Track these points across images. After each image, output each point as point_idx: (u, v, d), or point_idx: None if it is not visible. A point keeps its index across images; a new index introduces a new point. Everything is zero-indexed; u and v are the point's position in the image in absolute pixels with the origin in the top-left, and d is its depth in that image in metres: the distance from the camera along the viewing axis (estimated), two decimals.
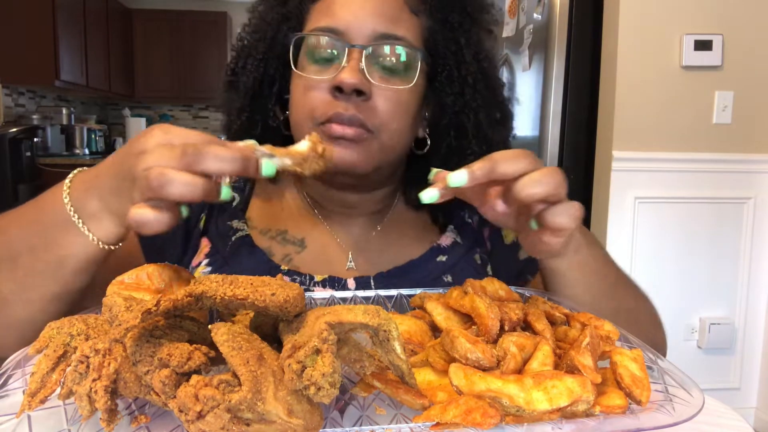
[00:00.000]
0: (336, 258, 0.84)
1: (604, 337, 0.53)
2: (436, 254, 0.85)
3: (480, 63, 0.82)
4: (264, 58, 0.81)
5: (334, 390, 0.37)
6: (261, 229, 0.85)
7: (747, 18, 2.30)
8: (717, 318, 2.45)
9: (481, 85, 0.81)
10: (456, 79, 0.80)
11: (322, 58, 0.74)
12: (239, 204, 0.87)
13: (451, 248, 0.86)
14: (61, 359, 0.46)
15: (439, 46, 0.79)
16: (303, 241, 0.84)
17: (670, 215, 2.38)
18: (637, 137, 2.34)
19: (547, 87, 2.49)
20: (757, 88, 2.34)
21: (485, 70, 0.83)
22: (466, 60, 0.80)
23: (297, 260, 0.82)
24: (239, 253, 0.81)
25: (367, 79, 0.72)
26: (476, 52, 0.82)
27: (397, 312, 0.64)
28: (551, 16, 2.45)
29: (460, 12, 0.81)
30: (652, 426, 0.40)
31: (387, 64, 0.74)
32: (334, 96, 0.72)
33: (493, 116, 0.83)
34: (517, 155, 0.57)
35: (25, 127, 4.39)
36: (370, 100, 0.73)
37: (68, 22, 4.84)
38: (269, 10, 0.83)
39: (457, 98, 0.80)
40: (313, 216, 0.87)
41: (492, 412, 0.40)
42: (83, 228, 0.59)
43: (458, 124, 0.81)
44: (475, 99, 0.81)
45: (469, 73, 0.80)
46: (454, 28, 0.80)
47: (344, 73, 0.71)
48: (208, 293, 0.43)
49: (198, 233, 0.85)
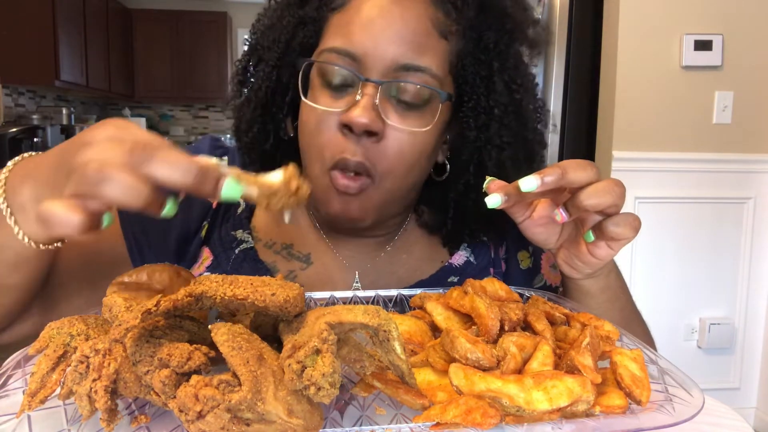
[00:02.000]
0: (341, 277, 0.81)
1: (604, 337, 0.53)
2: (447, 274, 0.81)
3: (512, 93, 0.75)
4: (277, 65, 0.75)
5: (334, 390, 0.37)
6: (266, 242, 0.81)
7: (747, 18, 2.30)
8: (717, 318, 2.45)
9: (509, 119, 0.75)
10: (482, 110, 0.74)
11: (334, 84, 0.69)
12: (244, 212, 0.83)
13: (464, 268, 0.82)
14: (61, 359, 0.46)
15: (469, 72, 0.73)
16: (309, 257, 0.81)
17: (670, 215, 2.38)
18: (637, 137, 2.34)
19: (547, 87, 2.49)
20: (757, 88, 2.34)
21: (517, 102, 0.75)
22: (496, 89, 0.73)
23: (302, 277, 0.79)
24: (242, 269, 0.77)
25: (381, 118, 0.67)
26: (509, 80, 0.75)
27: (397, 312, 0.64)
28: (551, 16, 2.45)
29: (498, 30, 0.73)
30: (652, 426, 0.40)
31: (405, 98, 0.68)
32: (343, 133, 0.68)
33: (518, 155, 0.77)
34: (584, 165, 0.58)
35: (25, 127, 4.38)
36: (381, 141, 0.68)
37: (68, 22, 4.84)
38: (285, 10, 0.77)
39: (480, 132, 0.74)
40: (319, 232, 0.83)
41: (492, 412, 0.40)
42: (10, 220, 0.53)
43: (479, 161, 0.76)
44: (500, 135, 0.74)
45: (498, 105, 0.74)
46: (489, 50, 0.73)
47: (356, 110, 0.66)
48: (208, 293, 0.43)
49: (199, 242, 0.81)
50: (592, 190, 0.57)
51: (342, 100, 0.68)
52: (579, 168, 0.57)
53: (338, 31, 0.70)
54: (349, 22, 0.69)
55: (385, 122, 0.68)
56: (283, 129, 0.78)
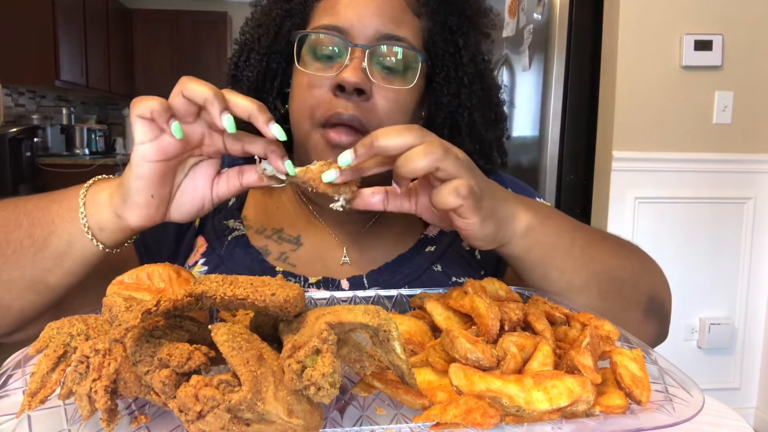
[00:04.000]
0: (330, 254, 0.85)
1: (604, 337, 0.53)
2: (424, 245, 0.86)
3: (477, 65, 0.84)
4: (267, 53, 0.82)
5: (334, 390, 0.37)
6: (257, 229, 0.86)
7: (747, 18, 2.30)
8: (717, 318, 2.45)
9: (476, 86, 0.83)
10: (453, 79, 0.82)
11: (324, 55, 0.75)
12: (235, 203, 0.88)
13: (439, 237, 0.87)
14: (61, 359, 0.46)
15: (438, 47, 0.81)
16: (298, 238, 0.86)
17: (670, 215, 2.38)
18: (637, 137, 2.34)
19: (547, 87, 2.49)
20: (757, 88, 2.34)
21: (482, 72, 0.84)
22: (463, 62, 0.82)
23: (293, 257, 0.83)
24: (235, 253, 0.82)
25: (369, 78, 0.73)
26: (474, 55, 0.83)
27: (397, 312, 0.64)
28: (551, 16, 2.44)
29: (459, 15, 0.82)
30: (652, 426, 0.40)
31: (388, 64, 0.75)
32: (335, 94, 0.73)
33: (487, 116, 0.85)
34: (399, 130, 0.57)
35: (25, 127, 4.39)
36: (370, 99, 0.73)
37: (68, 22, 4.84)
38: (273, 6, 0.83)
39: (453, 98, 0.82)
40: (308, 213, 0.88)
41: (492, 412, 0.40)
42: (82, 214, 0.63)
43: (453, 123, 0.83)
44: (470, 99, 0.82)
45: (466, 75, 0.82)
46: (453, 31, 0.81)
47: (347, 71, 0.72)
48: (208, 293, 0.43)
49: (193, 232, 0.86)
50: (405, 157, 0.56)
51: (332, 68, 0.74)
52: (391, 133, 0.56)
53: (325, 13, 0.77)
54: (335, 4, 0.77)
55: (372, 82, 0.73)
56: (272, 110, 0.83)
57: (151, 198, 0.61)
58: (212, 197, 0.66)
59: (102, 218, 0.63)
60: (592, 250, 0.72)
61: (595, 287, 0.71)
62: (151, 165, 0.59)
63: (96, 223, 0.63)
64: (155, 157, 0.59)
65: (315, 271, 0.81)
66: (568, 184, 2.53)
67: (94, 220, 0.63)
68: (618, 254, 0.75)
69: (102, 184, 0.65)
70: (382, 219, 0.89)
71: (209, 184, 0.65)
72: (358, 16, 0.74)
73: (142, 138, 0.59)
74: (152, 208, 0.62)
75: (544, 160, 2.52)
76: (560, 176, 2.53)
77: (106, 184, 0.65)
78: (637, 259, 0.78)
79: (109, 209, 0.62)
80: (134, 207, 0.61)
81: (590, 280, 0.70)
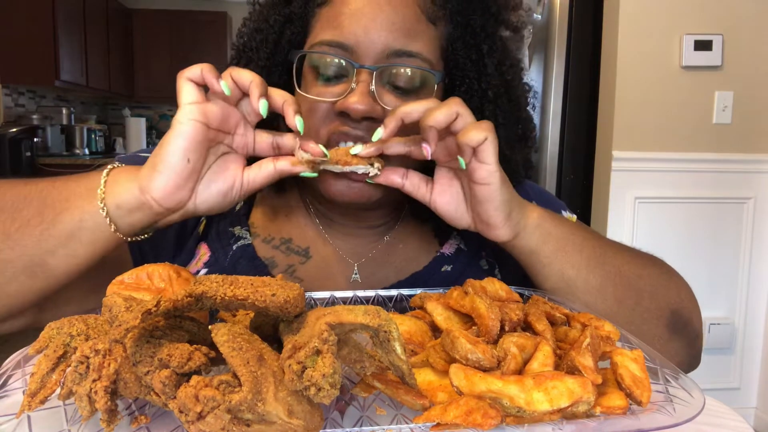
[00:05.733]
0: (340, 270, 0.81)
1: (605, 337, 0.53)
2: (440, 264, 0.82)
3: (503, 75, 0.77)
4: (266, 65, 0.77)
5: (335, 390, 0.37)
6: (264, 237, 0.82)
7: (747, 18, 2.30)
8: (717, 318, 2.45)
9: (502, 100, 0.76)
10: (476, 92, 0.75)
11: (328, 75, 0.70)
12: (242, 209, 0.84)
13: (456, 256, 0.83)
14: (61, 359, 0.45)
15: (459, 56, 0.74)
16: (307, 250, 0.81)
17: (670, 215, 2.37)
18: (637, 137, 2.34)
19: (547, 87, 2.49)
20: (757, 88, 2.34)
21: (508, 83, 0.77)
22: (488, 71, 0.75)
23: (300, 271, 0.79)
24: (239, 265, 0.78)
25: (378, 103, 0.68)
26: (500, 62, 0.76)
27: (397, 312, 0.64)
28: (551, 16, 2.44)
29: (483, 13, 0.75)
30: (652, 427, 0.40)
31: (400, 84, 0.69)
32: (341, 121, 0.69)
33: (512, 134, 0.78)
34: (419, 102, 0.62)
35: (25, 127, 4.38)
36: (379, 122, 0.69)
37: (68, 22, 4.84)
38: (271, 10, 0.78)
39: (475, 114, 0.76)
40: (318, 227, 0.84)
41: (492, 412, 0.40)
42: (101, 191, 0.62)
43: None
44: (495, 116, 0.75)
45: (491, 87, 0.75)
46: (476, 33, 0.74)
47: (353, 97, 0.66)
48: (208, 293, 0.43)
49: (196, 237, 0.82)
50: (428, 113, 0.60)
51: (336, 87, 0.70)
52: (413, 104, 0.62)
53: (327, 24, 0.71)
54: (338, 14, 0.70)
55: (384, 108, 0.69)
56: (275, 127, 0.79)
57: (186, 163, 0.61)
58: (242, 181, 0.65)
59: (122, 195, 0.62)
60: (605, 251, 0.72)
61: (611, 289, 0.69)
62: (195, 123, 0.60)
63: (113, 201, 0.62)
64: (199, 117, 0.60)
65: (323, 287, 0.77)
66: (567, 184, 2.53)
67: (112, 198, 0.62)
68: (633, 261, 0.74)
69: (128, 167, 0.65)
70: (395, 235, 0.84)
71: (240, 169, 0.66)
72: (365, 30, 0.68)
73: (188, 99, 0.61)
74: (182, 177, 0.61)
75: (544, 159, 2.53)
76: (560, 176, 2.53)
77: (132, 167, 0.65)
78: (657, 271, 0.76)
79: (134, 183, 0.62)
80: (165, 172, 0.60)
81: (605, 281, 0.69)
